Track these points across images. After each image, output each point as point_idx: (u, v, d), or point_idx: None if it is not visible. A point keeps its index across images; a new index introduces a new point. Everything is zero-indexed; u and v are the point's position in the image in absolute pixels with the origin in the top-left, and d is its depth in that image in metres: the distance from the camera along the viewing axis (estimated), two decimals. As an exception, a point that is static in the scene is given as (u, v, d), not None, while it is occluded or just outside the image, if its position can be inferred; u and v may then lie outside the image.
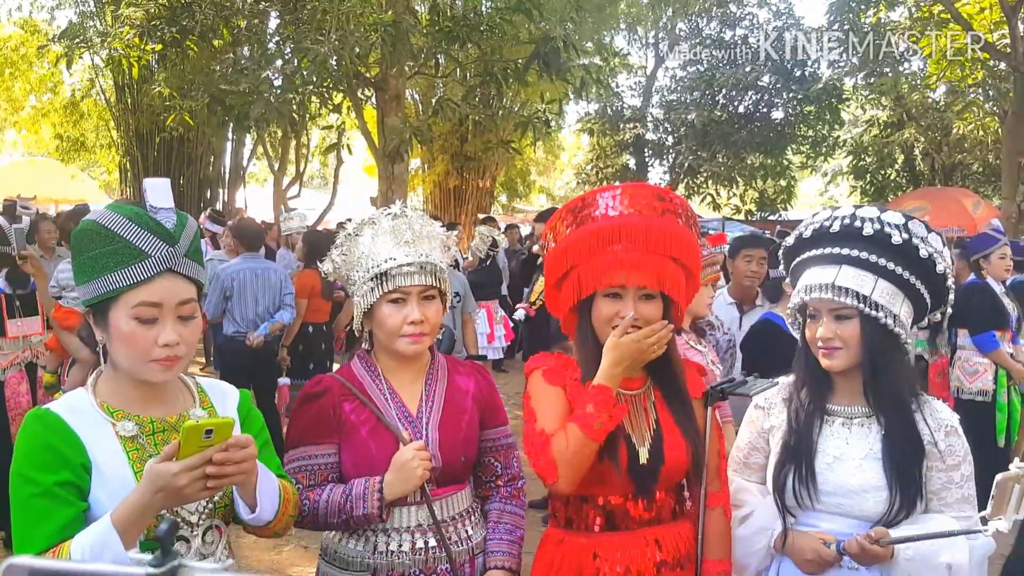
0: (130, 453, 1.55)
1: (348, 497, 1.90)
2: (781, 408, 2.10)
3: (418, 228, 2.02)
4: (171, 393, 1.67)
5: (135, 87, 15.49)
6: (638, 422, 1.95)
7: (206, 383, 1.77)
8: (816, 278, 1.98)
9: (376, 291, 1.96)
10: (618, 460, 1.87)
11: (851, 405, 2.03)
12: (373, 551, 1.95)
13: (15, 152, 23.81)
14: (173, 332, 1.53)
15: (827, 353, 1.98)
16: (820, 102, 18.83)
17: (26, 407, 4.58)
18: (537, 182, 29.28)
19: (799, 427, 2.03)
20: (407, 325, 1.95)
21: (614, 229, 1.87)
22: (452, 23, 9.50)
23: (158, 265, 1.52)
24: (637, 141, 20.94)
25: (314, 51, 8.49)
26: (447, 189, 18.88)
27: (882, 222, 1.95)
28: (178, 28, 9.82)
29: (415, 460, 1.87)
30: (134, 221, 1.53)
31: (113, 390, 1.62)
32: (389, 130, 9.84)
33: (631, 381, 1.98)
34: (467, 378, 2.13)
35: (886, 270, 1.94)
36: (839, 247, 1.97)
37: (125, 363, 1.56)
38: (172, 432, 1.60)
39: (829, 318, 1.97)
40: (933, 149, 19.15)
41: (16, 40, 19.47)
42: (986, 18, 12.77)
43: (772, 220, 19.87)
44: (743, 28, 20.02)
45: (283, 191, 18.14)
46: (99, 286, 1.52)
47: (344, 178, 20.24)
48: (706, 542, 1.97)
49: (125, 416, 1.58)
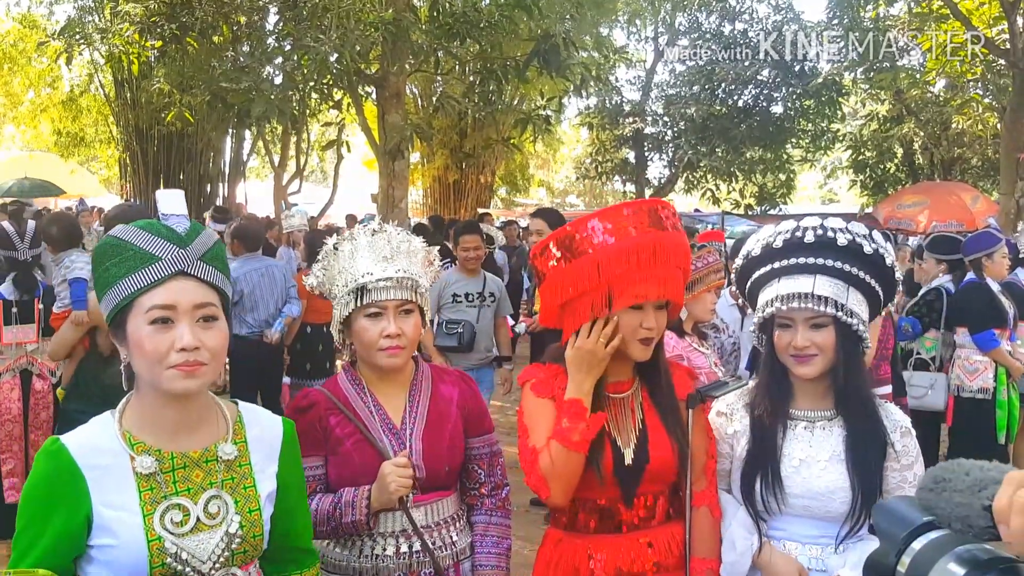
0: (143, 493, 1.49)
1: (337, 505, 1.96)
2: (743, 413, 2.13)
3: (396, 243, 2.07)
4: (201, 418, 1.59)
5: (134, 83, 15.47)
6: (624, 424, 2.02)
7: (249, 412, 1.68)
8: (791, 288, 2.01)
9: (351, 305, 2.02)
10: (601, 463, 1.95)
11: (813, 409, 2.07)
12: (359, 555, 2.01)
13: (13, 147, 23.78)
14: (191, 336, 1.45)
15: (804, 361, 2.01)
16: (820, 96, 18.83)
17: (16, 414, 4.60)
18: (536, 176, 29.31)
19: (763, 432, 2.07)
20: (383, 339, 1.99)
21: (638, 248, 1.91)
22: (452, 20, 9.51)
23: (169, 267, 1.48)
24: (636, 135, 20.90)
25: (315, 48, 8.50)
26: (446, 184, 18.90)
27: (850, 232, 2.00)
28: (178, 24, 9.83)
29: (391, 476, 1.91)
30: (145, 229, 1.52)
31: (138, 416, 1.55)
32: (390, 127, 9.85)
33: (619, 384, 2.04)
34: (451, 387, 2.17)
35: (855, 276, 2.00)
36: (811, 257, 2.01)
37: (146, 374, 1.48)
38: (194, 469, 1.54)
39: (804, 327, 2.00)
40: (932, 144, 19.14)
41: (15, 35, 19.44)
42: (985, 13, 12.78)
43: (772, 214, 19.88)
44: (743, 23, 19.99)
45: (283, 187, 18.14)
46: (113, 296, 1.48)
47: (344, 173, 20.22)
48: (692, 540, 2.02)
49: (145, 450, 1.51)
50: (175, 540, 1.49)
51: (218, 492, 1.55)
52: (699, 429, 2.06)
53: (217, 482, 1.55)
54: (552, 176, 31.40)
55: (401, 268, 2.03)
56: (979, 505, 0.71)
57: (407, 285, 2.02)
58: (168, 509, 1.50)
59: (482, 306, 5.26)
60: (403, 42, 9.05)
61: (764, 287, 2.09)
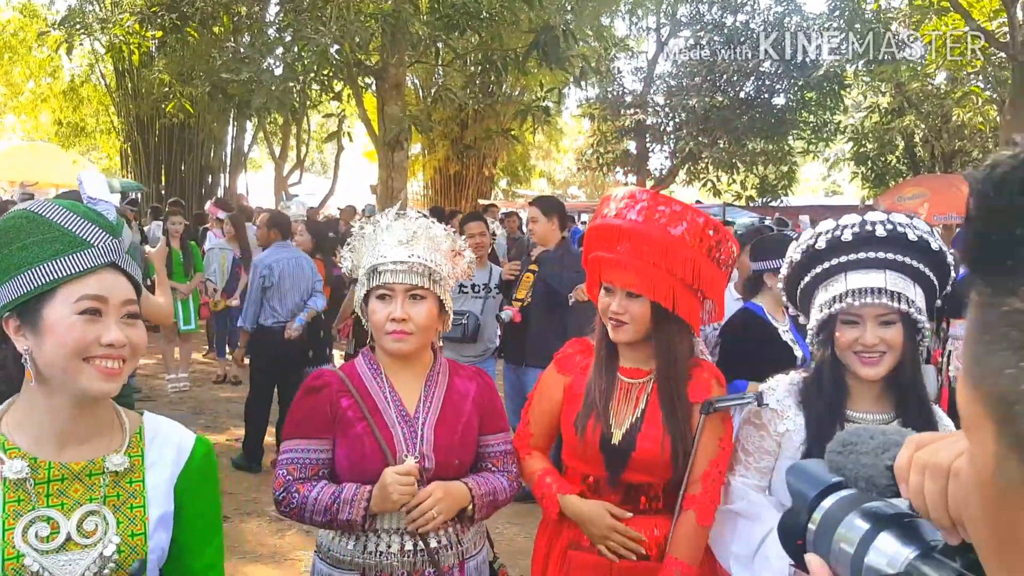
0: (7, 505, 1.31)
1: (336, 500, 1.93)
2: (796, 411, 2.04)
3: (415, 228, 2.05)
4: (96, 429, 1.41)
5: (135, 73, 15.49)
6: (624, 408, 2.08)
7: (154, 423, 1.50)
8: (862, 283, 1.90)
9: (365, 286, 2.03)
10: (585, 431, 2.07)
11: (870, 411, 1.99)
12: (363, 551, 1.99)
13: (14, 137, 23.80)
14: (119, 332, 1.32)
15: (872, 362, 1.90)
16: (821, 88, 18.81)
17: None
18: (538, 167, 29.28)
19: (820, 435, 1.95)
20: (389, 322, 1.98)
21: (621, 231, 2.02)
22: (452, 11, 9.52)
23: (102, 256, 1.33)
24: (638, 126, 20.90)
25: (315, 40, 8.52)
26: (448, 175, 18.90)
27: (918, 228, 1.93)
28: (178, 15, 9.84)
29: (392, 487, 1.88)
30: (72, 210, 1.36)
31: (24, 418, 1.37)
32: (389, 119, 9.88)
33: (634, 371, 2.12)
34: (468, 381, 2.15)
35: (919, 271, 1.94)
36: (882, 251, 1.91)
37: (58, 369, 1.30)
38: (74, 483, 1.35)
39: (874, 324, 1.90)
40: (933, 136, 19.12)
41: (15, 25, 19.43)
42: (985, 6, 12.76)
43: (773, 206, 19.88)
44: (744, 14, 19.96)
45: (284, 177, 18.16)
46: (30, 280, 1.28)
47: (345, 164, 20.26)
48: (672, 539, 2.04)
49: (20, 455, 1.32)
50: (38, 557, 1.30)
51: (98, 508, 1.37)
52: (711, 437, 2.06)
53: (99, 497, 1.37)
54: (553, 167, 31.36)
55: (416, 254, 2.00)
56: (882, 465, 0.75)
57: (419, 271, 1.99)
58: (34, 522, 1.32)
59: (487, 297, 5.30)
60: (402, 33, 9.06)
61: (825, 283, 1.97)
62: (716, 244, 2.02)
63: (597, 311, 2.13)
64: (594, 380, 2.12)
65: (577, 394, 2.14)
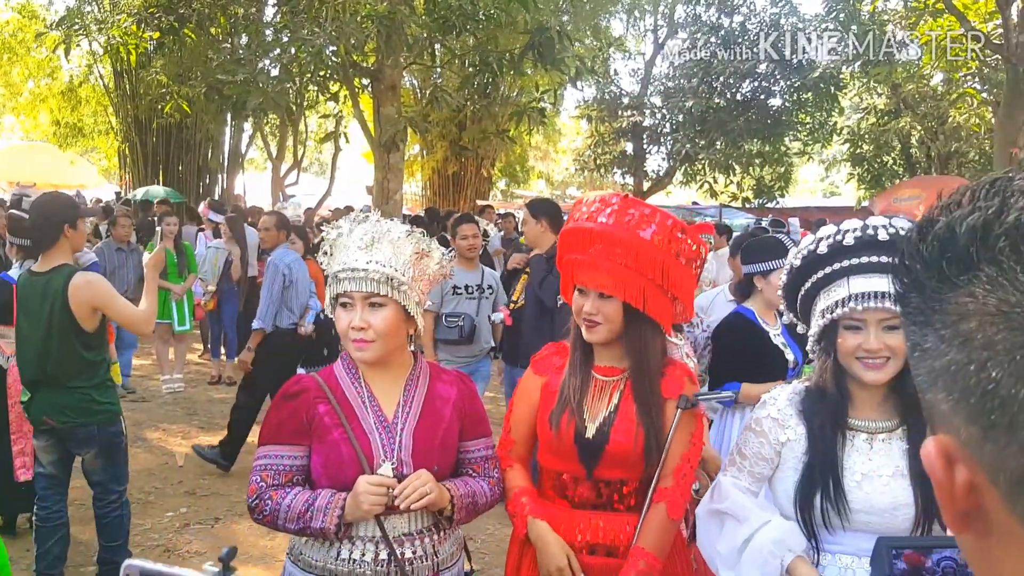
0: None
1: (310, 507, 1.90)
2: (798, 421, 1.99)
3: (375, 233, 1.99)
4: None
5: (133, 73, 15.53)
6: (598, 403, 2.13)
7: None
8: (865, 287, 1.86)
9: (329, 293, 2.01)
10: (559, 426, 2.10)
11: (873, 419, 1.95)
12: (336, 557, 1.95)
13: (13, 137, 23.83)
14: None
15: (877, 366, 1.86)
16: (818, 89, 18.85)
17: None
18: (536, 168, 29.32)
19: (824, 444, 1.93)
20: (351, 330, 1.95)
21: (592, 234, 2.05)
22: (448, 12, 9.55)
23: None
24: (635, 128, 20.93)
25: (310, 41, 8.55)
26: (446, 176, 18.92)
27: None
28: (175, 16, 9.89)
29: (364, 496, 1.86)
30: None
31: None
32: (384, 120, 9.91)
33: (609, 369, 2.16)
34: (449, 386, 2.11)
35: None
36: (884, 256, 1.86)
37: None
38: None
39: (877, 328, 1.86)
40: (929, 137, 19.16)
41: (14, 25, 19.47)
42: (980, 8, 12.80)
43: (769, 207, 19.91)
44: (741, 15, 19.99)
45: (281, 178, 18.19)
46: None
47: (343, 165, 20.26)
48: (640, 531, 2.06)
49: None
50: None
51: None
52: (684, 432, 2.09)
53: None
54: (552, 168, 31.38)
55: (376, 259, 1.95)
56: None
57: (376, 277, 1.94)
58: None
59: (481, 298, 5.31)
60: (398, 35, 9.09)
61: (827, 289, 1.93)
62: (685, 246, 2.06)
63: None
64: (569, 378, 2.16)
65: (553, 392, 2.17)
